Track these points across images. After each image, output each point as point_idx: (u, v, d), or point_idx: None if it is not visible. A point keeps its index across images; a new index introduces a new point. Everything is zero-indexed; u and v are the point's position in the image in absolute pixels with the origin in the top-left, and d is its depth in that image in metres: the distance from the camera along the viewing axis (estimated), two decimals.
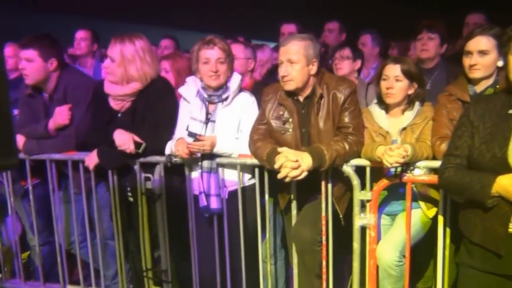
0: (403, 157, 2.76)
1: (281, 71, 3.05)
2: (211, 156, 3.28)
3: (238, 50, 3.98)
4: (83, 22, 5.95)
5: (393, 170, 3.10)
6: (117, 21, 8.32)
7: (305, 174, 2.88)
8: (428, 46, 3.81)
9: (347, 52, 4.15)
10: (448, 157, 2.41)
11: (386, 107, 3.22)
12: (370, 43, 5.25)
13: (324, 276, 3.26)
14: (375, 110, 3.25)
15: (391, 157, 2.76)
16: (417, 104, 3.16)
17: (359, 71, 4.27)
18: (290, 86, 3.06)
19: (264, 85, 3.73)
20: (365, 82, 4.25)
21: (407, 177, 2.94)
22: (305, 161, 2.87)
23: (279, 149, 2.97)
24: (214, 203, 3.32)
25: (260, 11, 8.53)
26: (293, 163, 2.84)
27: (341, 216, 3.24)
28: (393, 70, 3.09)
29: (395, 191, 3.19)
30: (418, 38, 3.85)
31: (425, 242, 3.30)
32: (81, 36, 5.59)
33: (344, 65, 4.14)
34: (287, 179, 2.88)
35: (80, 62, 5.58)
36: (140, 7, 9.10)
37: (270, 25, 5.59)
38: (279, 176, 2.88)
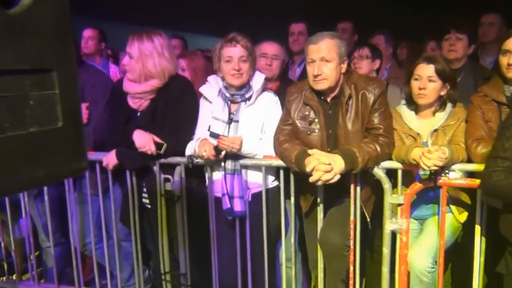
0: (442, 160, 2.67)
1: (314, 70, 2.93)
2: (235, 157, 3.18)
3: (278, 50, 3.86)
4: (89, 23, 5.83)
5: (422, 173, 3.02)
6: (125, 22, 8.19)
7: (337, 177, 2.78)
8: (456, 47, 3.70)
9: (366, 51, 4.07)
10: (495, 160, 2.32)
11: (416, 108, 3.12)
12: (383, 44, 5.16)
13: (351, 282, 3.16)
14: (404, 111, 3.15)
15: (430, 160, 2.66)
16: (449, 105, 3.07)
17: (377, 71, 4.18)
18: (323, 85, 2.95)
19: (285, 85, 3.63)
20: (385, 82, 4.17)
21: (442, 180, 2.85)
22: (337, 164, 2.77)
23: (310, 151, 2.86)
24: (238, 206, 3.22)
25: (269, 11, 8.42)
26: (326, 166, 2.74)
27: (368, 220, 3.15)
28: (427, 70, 2.99)
29: (425, 194, 3.10)
30: (445, 38, 3.74)
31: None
32: (89, 35, 5.50)
33: (363, 65, 4.04)
34: (319, 183, 2.78)
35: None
36: (147, 8, 8.99)
37: (279, 26, 5.49)
38: (311, 179, 2.77)
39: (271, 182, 3.33)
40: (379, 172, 2.96)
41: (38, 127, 0.96)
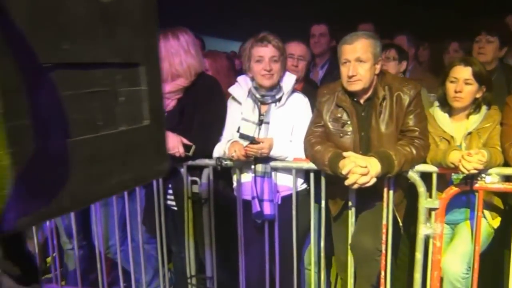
0: (482, 163, 2.61)
1: (349, 71, 2.87)
2: (265, 159, 3.12)
3: (305, 51, 3.80)
4: None
5: (455, 177, 2.96)
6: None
7: (373, 181, 2.72)
8: (485, 50, 3.61)
9: (392, 53, 4.00)
10: None
11: (450, 110, 3.06)
12: (406, 45, 5.09)
13: (381, 287, 3.10)
14: (438, 113, 3.09)
15: (470, 163, 2.60)
16: (484, 107, 3.00)
17: (404, 73, 4.12)
18: (357, 86, 2.89)
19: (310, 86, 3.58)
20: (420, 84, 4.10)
21: (479, 184, 2.78)
22: (374, 167, 2.72)
23: (345, 154, 2.81)
24: (268, 209, 3.15)
25: (289, 13, 8.35)
26: (363, 169, 2.69)
27: (400, 224, 3.09)
28: (463, 73, 2.92)
29: (457, 199, 3.03)
30: (476, 40, 3.67)
31: None
32: None
33: (390, 67, 3.96)
34: (355, 186, 2.73)
35: None
36: (164, 10, 8.95)
37: (300, 28, 5.43)
38: (347, 182, 2.72)
39: (300, 184, 3.27)
40: (414, 175, 2.91)
41: (127, 126, 0.89)
